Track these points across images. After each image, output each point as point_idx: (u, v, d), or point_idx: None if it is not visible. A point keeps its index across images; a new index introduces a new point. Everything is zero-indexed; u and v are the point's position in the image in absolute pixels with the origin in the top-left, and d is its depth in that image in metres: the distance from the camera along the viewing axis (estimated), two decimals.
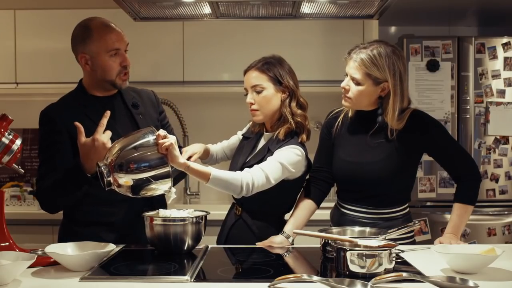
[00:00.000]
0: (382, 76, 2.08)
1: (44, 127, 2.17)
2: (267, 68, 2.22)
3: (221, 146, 2.53)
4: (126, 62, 2.17)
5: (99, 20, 2.18)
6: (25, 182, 3.65)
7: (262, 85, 2.21)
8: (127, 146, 1.86)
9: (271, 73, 2.21)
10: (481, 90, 3.49)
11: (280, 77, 2.21)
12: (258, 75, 2.22)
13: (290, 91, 2.22)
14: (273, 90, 2.21)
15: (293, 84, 2.23)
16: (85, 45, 2.16)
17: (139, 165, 1.84)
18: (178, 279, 1.62)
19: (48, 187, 2.07)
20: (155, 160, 1.86)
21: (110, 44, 2.14)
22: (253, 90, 2.22)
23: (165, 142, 1.86)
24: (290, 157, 2.12)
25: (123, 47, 2.17)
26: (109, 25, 2.17)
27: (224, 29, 3.47)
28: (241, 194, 2.03)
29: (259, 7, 2.29)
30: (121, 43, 2.16)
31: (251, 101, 2.23)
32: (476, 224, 3.43)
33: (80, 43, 2.17)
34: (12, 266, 1.56)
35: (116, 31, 2.17)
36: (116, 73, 2.17)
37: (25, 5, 3.53)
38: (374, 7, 2.29)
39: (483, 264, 1.68)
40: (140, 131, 1.94)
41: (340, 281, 1.49)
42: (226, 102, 3.67)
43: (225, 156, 2.52)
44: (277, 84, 2.21)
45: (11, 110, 2.20)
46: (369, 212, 2.16)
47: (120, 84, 2.19)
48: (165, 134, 1.88)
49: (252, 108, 2.23)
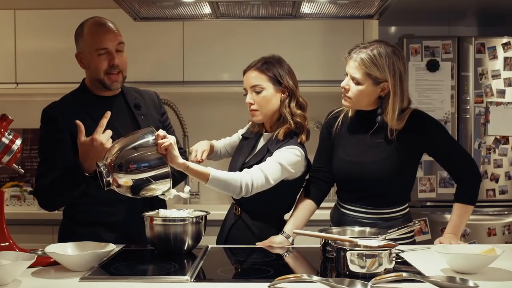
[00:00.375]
0: (382, 76, 2.08)
1: (46, 125, 2.18)
2: (267, 68, 2.21)
3: (224, 143, 2.54)
4: (113, 61, 2.15)
5: (94, 19, 2.19)
6: (25, 182, 3.65)
7: (262, 85, 2.20)
8: (126, 146, 1.86)
9: (271, 73, 2.21)
10: (481, 90, 3.49)
11: (280, 77, 2.21)
12: (258, 75, 2.21)
13: (289, 91, 2.22)
14: (273, 90, 2.21)
15: (292, 84, 2.22)
16: (78, 43, 2.20)
17: (139, 165, 1.84)
18: (178, 279, 1.62)
19: (46, 185, 2.08)
20: (154, 160, 1.86)
21: (97, 43, 2.13)
22: (253, 90, 2.22)
23: (165, 142, 1.86)
24: (290, 158, 2.12)
25: (112, 47, 2.15)
26: (101, 24, 2.16)
27: (224, 29, 3.47)
28: (240, 194, 2.02)
29: (259, 7, 2.29)
30: (110, 43, 2.14)
31: (250, 101, 2.23)
32: (476, 224, 3.42)
33: (76, 41, 2.21)
34: (12, 266, 1.56)
35: (108, 30, 2.16)
36: (104, 72, 2.16)
37: (25, 5, 3.53)
38: (374, 7, 2.29)
39: (483, 264, 1.68)
40: (139, 131, 1.94)
41: (340, 281, 1.49)
42: (226, 102, 3.67)
43: (227, 153, 2.53)
44: (277, 84, 2.21)
45: (11, 110, 2.20)
46: (369, 212, 2.16)
47: (109, 85, 2.18)
48: (164, 134, 1.88)
49: (252, 108, 2.23)
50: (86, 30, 2.16)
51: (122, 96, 2.28)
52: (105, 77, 2.17)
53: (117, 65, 2.16)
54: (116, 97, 2.26)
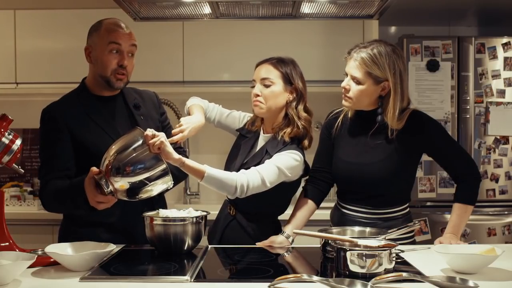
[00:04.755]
0: (382, 75, 2.08)
1: (45, 126, 2.17)
2: (280, 65, 2.21)
3: (220, 113, 2.40)
4: (123, 61, 2.15)
5: (114, 20, 2.20)
6: (25, 182, 3.65)
7: (272, 80, 2.19)
8: (120, 152, 1.85)
9: (284, 70, 2.20)
10: (481, 90, 3.49)
11: (291, 77, 2.20)
12: (270, 69, 2.21)
13: (298, 93, 2.21)
14: (282, 88, 2.20)
15: (302, 87, 2.22)
16: (92, 37, 2.19)
17: (137, 168, 1.84)
18: (178, 279, 1.62)
19: (50, 196, 2.09)
20: (150, 161, 1.86)
21: (112, 37, 2.14)
22: (262, 83, 2.20)
23: (156, 141, 1.86)
24: (288, 162, 2.12)
25: (125, 46, 2.15)
26: (120, 25, 2.18)
27: (224, 29, 3.47)
28: (235, 195, 2.02)
29: (259, 7, 2.29)
30: (124, 41, 2.15)
31: (257, 93, 2.20)
32: (476, 224, 3.43)
33: (89, 35, 2.21)
34: (12, 266, 1.56)
35: (124, 30, 2.17)
36: (112, 71, 2.15)
37: (25, 5, 3.53)
38: (374, 7, 2.29)
39: (483, 264, 1.68)
40: (128, 135, 1.92)
41: (340, 281, 1.49)
42: (226, 102, 3.62)
43: (216, 122, 2.40)
44: (287, 83, 2.20)
45: (11, 110, 2.20)
46: (369, 212, 2.16)
47: (114, 83, 2.17)
48: (152, 133, 1.87)
49: (257, 99, 2.21)
50: (104, 26, 2.17)
51: (122, 97, 2.27)
52: (112, 75, 2.16)
53: (125, 66, 2.16)
54: (115, 97, 2.26)
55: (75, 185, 1.98)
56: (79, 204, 1.98)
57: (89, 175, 1.90)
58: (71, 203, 2.02)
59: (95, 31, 2.19)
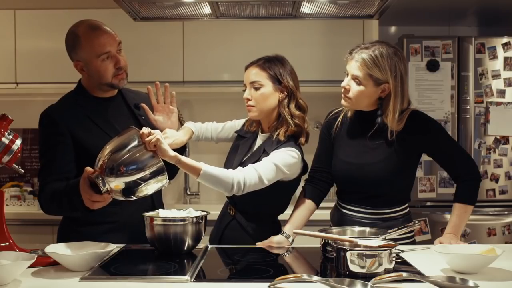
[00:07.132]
0: (383, 77, 2.07)
1: (45, 129, 2.16)
2: (268, 66, 2.21)
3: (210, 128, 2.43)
4: (119, 64, 2.14)
5: (86, 24, 2.15)
6: (25, 182, 3.65)
7: (261, 82, 2.20)
8: (116, 152, 1.85)
9: (272, 71, 2.20)
10: (481, 90, 3.49)
11: (280, 76, 2.20)
12: (258, 72, 2.21)
13: (289, 91, 2.22)
14: (272, 88, 2.20)
15: (292, 85, 2.22)
16: (77, 53, 2.15)
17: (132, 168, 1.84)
18: (178, 279, 1.62)
19: (47, 198, 2.08)
20: (146, 160, 1.86)
21: (99, 49, 2.10)
22: (252, 86, 2.21)
23: (152, 139, 1.86)
24: (286, 159, 2.12)
25: (113, 49, 2.13)
26: (96, 28, 2.13)
27: (224, 29, 3.47)
28: (232, 192, 2.02)
29: (259, 7, 2.29)
30: (111, 45, 2.12)
31: (248, 97, 2.22)
32: (476, 224, 3.43)
33: (72, 51, 2.17)
34: (12, 266, 1.56)
35: (105, 33, 2.13)
36: (112, 76, 2.14)
37: (25, 5, 3.53)
38: (374, 7, 2.29)
39: (483, 264, 1.68)
40: (124, 134, 1.92)
41: (340, 281, 1.49)
42: (226, 102, 3.66)
43: (210, 137, 2.44)
44: (276, 83, 2.21)
45: (11, 110, 2.20)
46: (369, 212, 2.16)
47: (117, 84, 2.17)
48: (148, 131, 1.88)
49: (249, 104, 2.23)
50: (83, 38, 2.12)
51: (121, 97, 2.27)
52: (113, 79, 2.15)
53: (123, 66, 2.16)
54: (114, 98, 2.25)
55: (72, 185, 1.98)
56: (75, 204, 1.97)
57: (84, 175, 1.88)
58: (68, 204, 2.00)
59: (76, 45, 2.13)
